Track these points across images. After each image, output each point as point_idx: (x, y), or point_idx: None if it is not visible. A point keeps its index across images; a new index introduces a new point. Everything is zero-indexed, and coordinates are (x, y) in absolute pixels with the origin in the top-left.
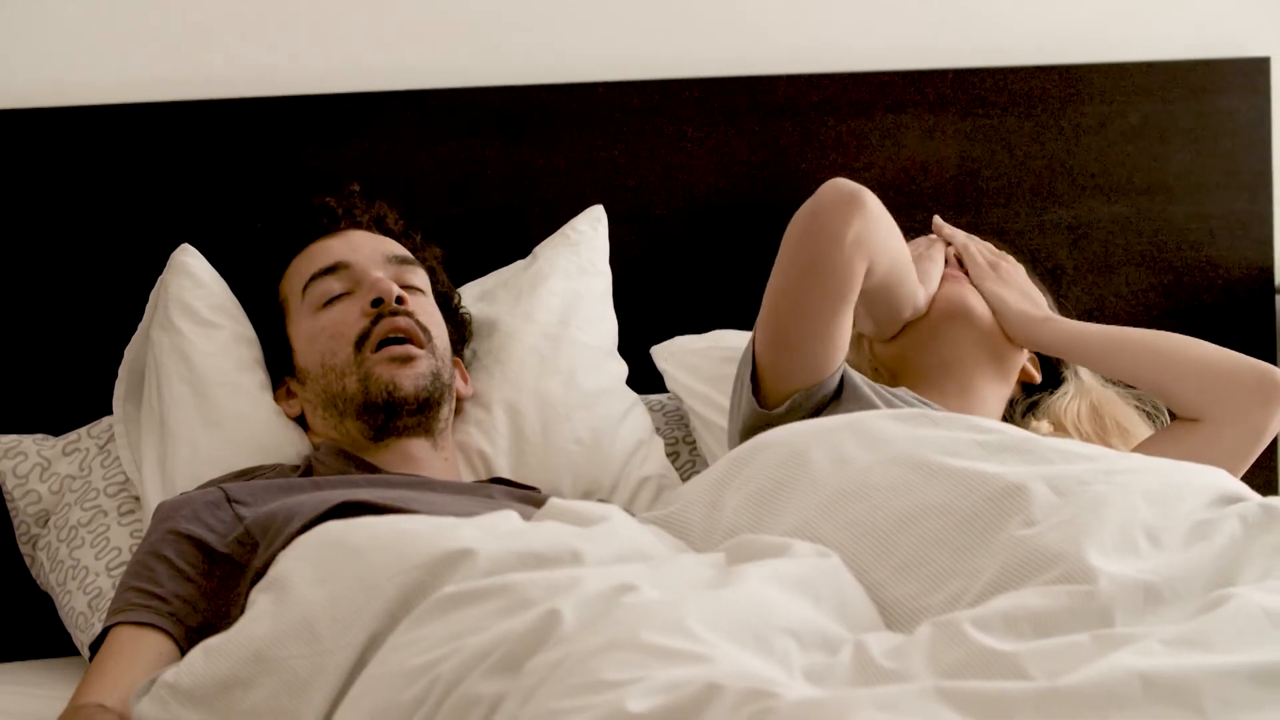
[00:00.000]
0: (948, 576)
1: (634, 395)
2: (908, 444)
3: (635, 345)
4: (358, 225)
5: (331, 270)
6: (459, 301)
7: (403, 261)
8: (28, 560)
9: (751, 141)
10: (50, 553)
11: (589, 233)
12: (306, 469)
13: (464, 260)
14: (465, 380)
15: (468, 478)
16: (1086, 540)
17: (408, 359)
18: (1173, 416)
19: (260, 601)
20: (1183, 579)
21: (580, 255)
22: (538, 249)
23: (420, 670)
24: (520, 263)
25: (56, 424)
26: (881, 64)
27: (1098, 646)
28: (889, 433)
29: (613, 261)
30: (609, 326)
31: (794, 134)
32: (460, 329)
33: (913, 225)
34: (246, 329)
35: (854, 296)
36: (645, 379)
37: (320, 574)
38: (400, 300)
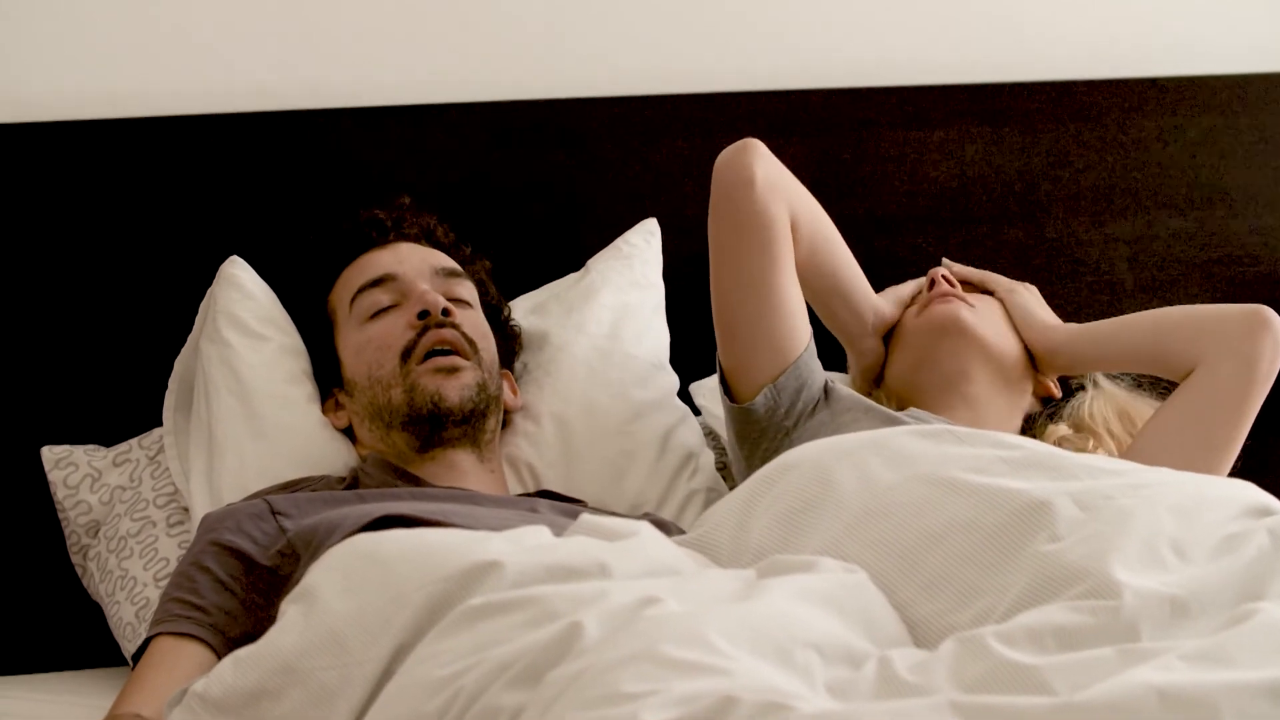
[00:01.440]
0: (975, 593)
1: (684, 408)
2: (932, 462)
3: (688, 359)
4: (406, 238)
5: (379, 282)
6: (509, 314)
7: (450, 274)
8: (79, 570)
9: (809, 155)
10: (100, 563)
11: (642, 246)
12: (352, 481)
13: (517, 273)
14: (514, 392)
15: (515, 490)
16: (1112, 555)
17: (453, 370)
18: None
19: (290, 613)
20: (1210, 592)
21: (633, 268)
22: (590, 262)
23: (444, 681)
24: (573, 275)
25: (109, 435)
26: (941, 78)
27: (1122, 661)
28: (913, 450)
29: (666, 275)
30: (660, 339)
31: (852, 147)
32: (509, 341)
33: (973, 239)
34: (295, 340)
35: (785, 249)
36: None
37: (349, 585)
38: (447, 312)
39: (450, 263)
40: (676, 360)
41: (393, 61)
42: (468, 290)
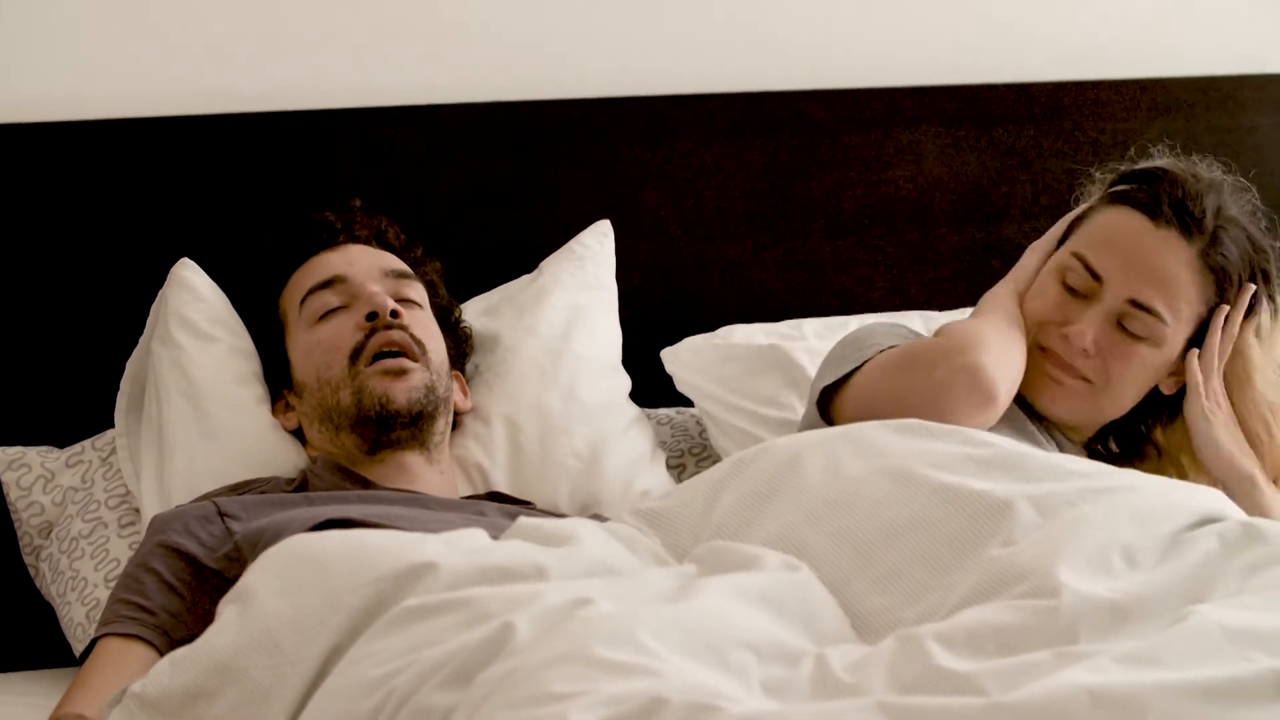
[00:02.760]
0: (924, 591)
1: (637, 410)
2: (900, 456)
3: (645, 360)
4: (357, 240)
5: (328, 284)
6: (459, 315)
7: (400, 276)
8: (31, 571)
9: (767, 157)
10: (52, 564)
11: (595, 247)
12: (302, 483)
13: (472, 275)
14: (465, 394)
15: (465, 491)
16: (1060, 558)
17: (401, 372)
18: None
19: (226, 613)
20: (1153, 598)
21: (585, 270)
22: (543, 263)
23: (377, 682)
24: (526, 277)
25: (62, 436)
26: (899, 80)
27: (1057, 663)
28: (883, 443)
29: (623, 277)
30: (612, 340)
31: (811, 149)
32: (460, 343)
33: (932, 240)
34: (245, 342)
35: None
36: (656, 392)
37: (285, 586)
38: (395, 314)
39: (400, 264)
40: (629, 361)
41: (345, 65)
42: (417, 292)
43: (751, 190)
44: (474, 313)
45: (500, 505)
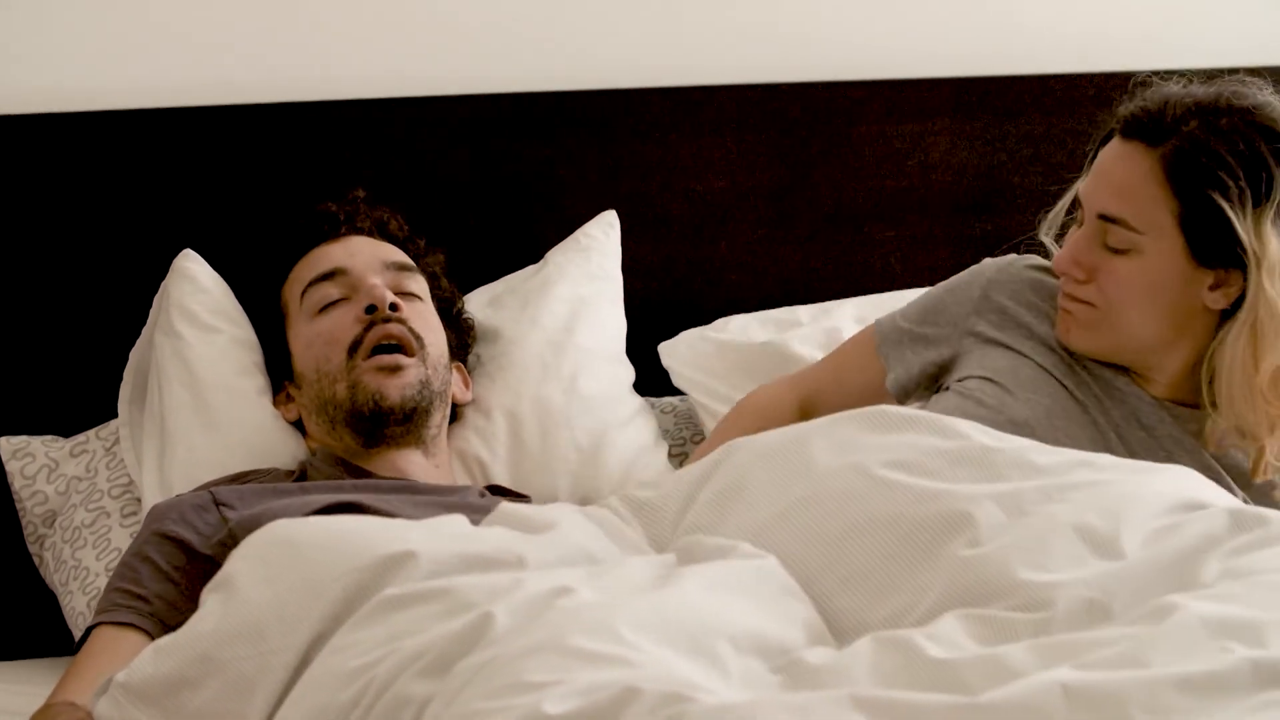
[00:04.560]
0: (891, 591)
1: (640, 401)
2: (869, 451)
3: (651, 351)
4: (359, 231)
5: (329, 276)
6: (462, 306)
7: (401, 268)
8: (35, 560)
9: (776, 149)
10: (55, 553)
11: (600, 238)
12: (301, 474)
13: (478, 266)
14: (467, 385)
15: (465, 484)
16: (1031, 561)
17: (396, 369)
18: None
19: (209, 601)
20: (1130, 590)
21: (590, 261)
22: (549, 254)
23: (358, 671)
24: (530, 268)
25: (67, 426)
26: (906, 72)
27: (1038, 659)
28: (855, 438)
29: (629, 268)
30: (617, 332)
31: (820, 141)
32: (462, 334)
33: (940, 231)
34: (247, 333)
35: None
36: (662, 382)
37: (267, 574)
38: (395, 307)
39: (401, 257)
40: (634, 353)
41: (351, 55)
42: (418, 284)
43: (758, 182)
44: (478, 303)
45: (499, 498)
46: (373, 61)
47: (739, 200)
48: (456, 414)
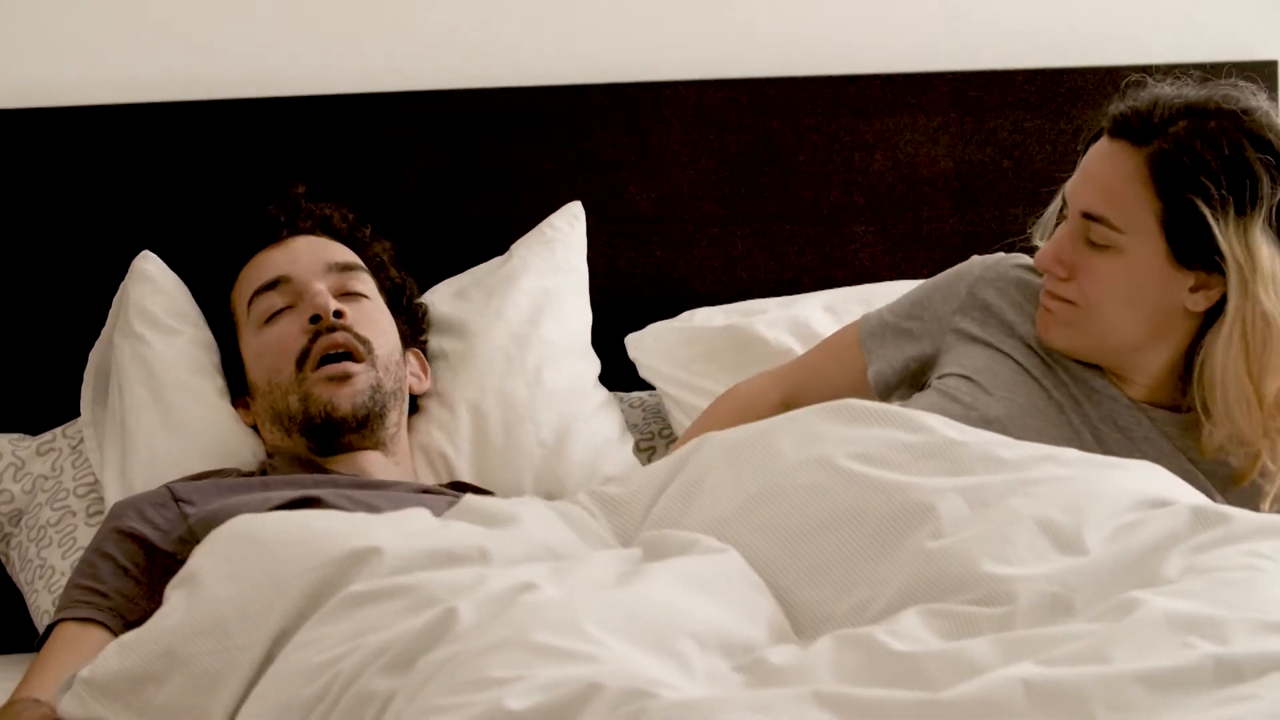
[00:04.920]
0: (853, 584)
1: (605, 394)
2: (833, 444)
3: (621, 345)
4: (301, 231)
5: (273, 285)
6: (413, 292)
7: (345, 268)
8: (2, 558)
9: (746, 144)
10: (21, 551)
11: (565, 230)
12: (261, 474)
13: (448, 261)
14: (425, 371)
15: (428, 479)
16: (994, 554)
17: (345, 377)
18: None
19: (173, 597)
20: (1094, 585)
21: (555, 253)
22: (514, 246)
23: (322, 667)
24: (495, 260)
25: (35, 424)
26: (881, 67)
27: (1002, 656)
28: (820, 431)
29: (600, 263)
30: (582, 324)
31: (790, 137)
32: (415, 322)
33: (912, 228)
34: (207, 334)
35: None
36: (631, 377)
37: (230, 570)
38: (339, 314)
39: (345, 256)
40: (604, 347)
41: (316, 51)
42: (363, 282)
43: (732, 177)
44: (443, 296)
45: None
46: (339, 57)
47: (710, 197)
48: (416, 404)
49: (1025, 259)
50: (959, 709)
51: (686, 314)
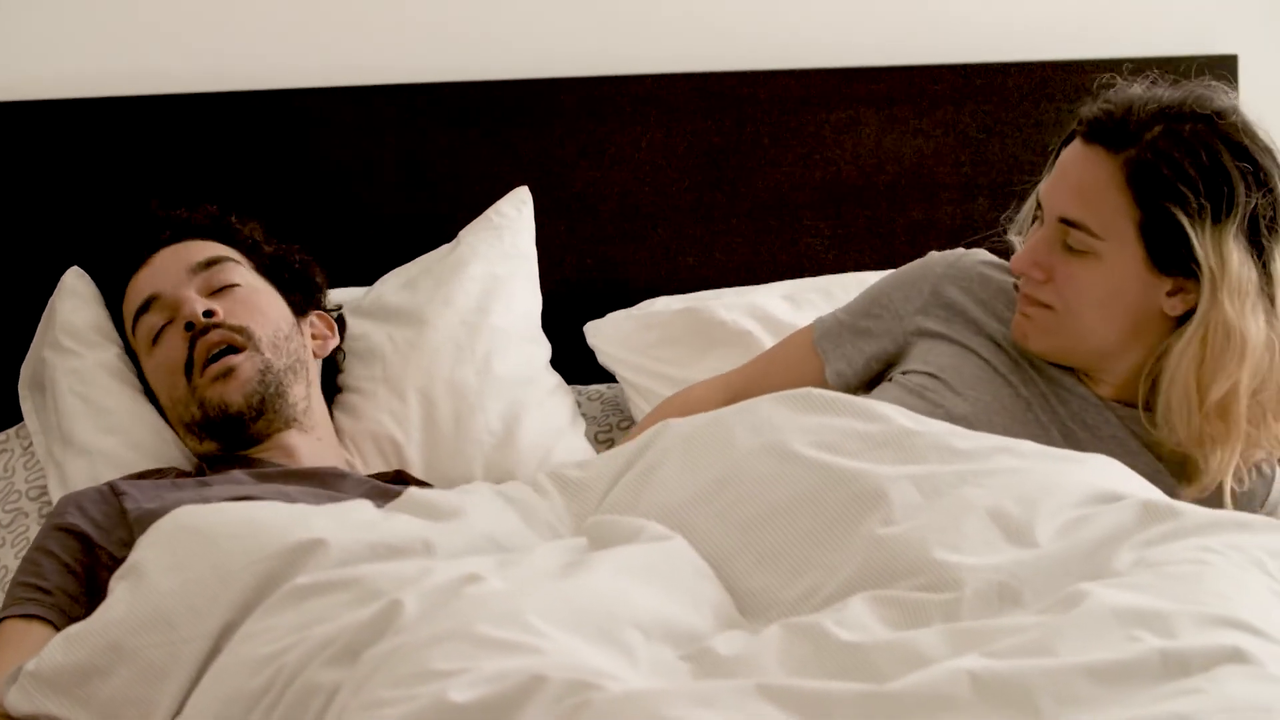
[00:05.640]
0: (803, 570)
1: (557, 379)
2: (788, 432)
3: (579, 338)
4: (161, 245)
5: (147, 307)
6: (296, 258)
7: (209, 264)
8: None
9: (701, 138)
10: None
11: (513, 215)
12: (199, 471)
13: (403, 254)
14: (331, 329)
15: (378, 467)
16: (944, 542)
17: (229, 371)
18: None
19: (118, 589)
20: (1043, 577)
21: (503, 239)
22: (462, 233)
23: (267, 659)
24: (444, 248)
25: None
26: (836, 61)
27: (948, 647)
28: (776, 419)
29: (557, 256)
30: (531, 309)
31: (745, 130)
32: (305, 286)
33: (869, 220)
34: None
35: None
36: (591, 369)
37: (175, 561)
38: (210, 313)
39: (207, 252)
40: (562, 339)
41: (268, 45)
42: (232, 271)
43: (687, 170)
44: (392, 286)
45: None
46: (294, 52)
47: (668, 190)
48: (339, 367)
49: (986, 255)
50: (904, 701)
51: (645, 303)
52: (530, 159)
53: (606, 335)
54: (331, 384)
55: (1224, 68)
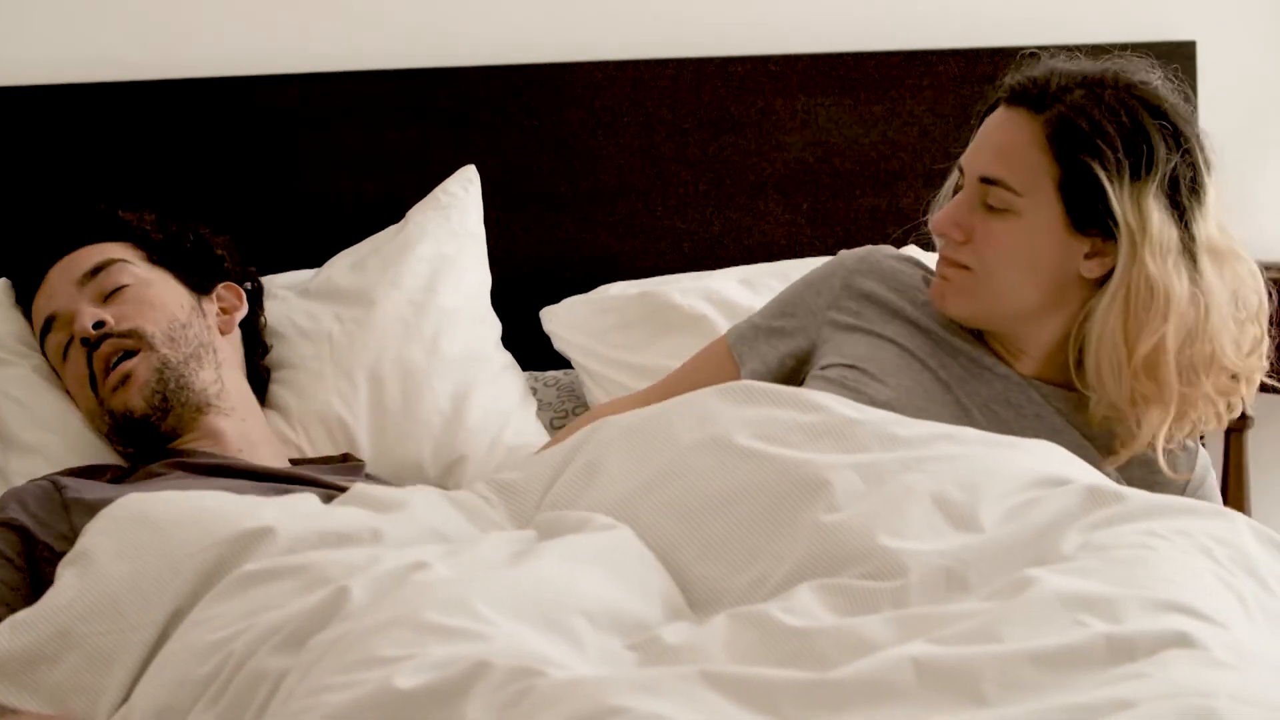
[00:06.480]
0: (750, 559)
1: (507, 357)
2: (730, 424)
3: (535, 324)
4: (51, 262)
5: (48, 327)
6: (191, 235)
7: (95, 271)
8: None
9: (660, 125)
10: None
11: (460, 194)
12: (133, 469)
13: (354, 241)
14: (240, 299)
15: (326, 449)
16: (889, 528)
17: (126, 377)
18: None
19: (65, 576)
20: (988, 562)
21: (451, 219)
22: (410, 213)
23: (215, 646)
24: (392, 228)
25: None
26: (794, 47)
27: (895, 633)
28: (717, 412)
29: (516, 242)
30: (480, 288)
31: (704, 116)
32: (206, 261)
33: (829, 207)
34: None
35: None
36: (547, 356)
37: (123, 549)
38: (100, 324)
39: (93, 258)
40: (519, 326)
41: (212, 33)
42: (121, 271)
43: (646, 157)
44: (341, 269)
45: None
46: (247, 39)
47: (627, 175)
48: (262, 341)
49: (895, 250)
50: (848, 689)
51: (601, 288)
52: (486, 145)
53: (562, 320)
54: (255, 361)
55: (1182, 54)
